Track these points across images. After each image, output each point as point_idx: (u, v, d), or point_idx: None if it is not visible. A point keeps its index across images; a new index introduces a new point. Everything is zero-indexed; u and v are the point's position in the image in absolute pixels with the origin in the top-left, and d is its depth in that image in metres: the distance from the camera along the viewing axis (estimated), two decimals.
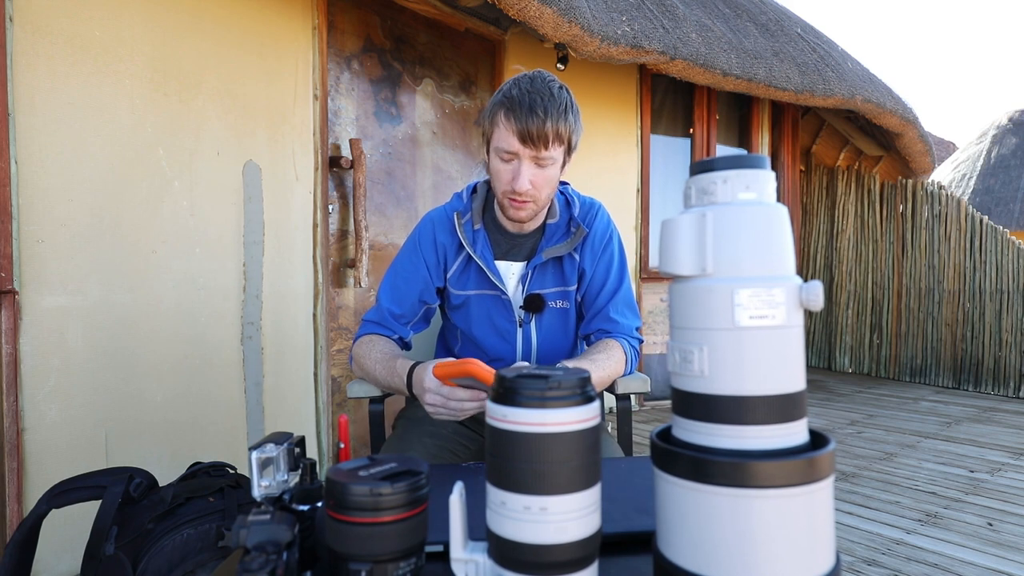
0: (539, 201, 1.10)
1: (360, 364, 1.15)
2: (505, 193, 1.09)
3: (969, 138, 8.72)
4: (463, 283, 1.20)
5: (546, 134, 1.02)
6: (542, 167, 1.07)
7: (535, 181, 1.07)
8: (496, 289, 1.17)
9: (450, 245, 1.19)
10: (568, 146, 1.09)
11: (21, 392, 1.62)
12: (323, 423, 2.37)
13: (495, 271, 1.17)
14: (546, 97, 1.02)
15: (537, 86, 1.04)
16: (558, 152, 1.07)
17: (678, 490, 0.45)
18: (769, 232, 0.46)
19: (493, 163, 1.10)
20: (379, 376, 1.10)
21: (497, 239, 1.20)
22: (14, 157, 1.61)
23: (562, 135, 1.05)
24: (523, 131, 1.02)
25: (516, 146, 1.04)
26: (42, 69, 1.67)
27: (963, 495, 2.38)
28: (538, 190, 1.08)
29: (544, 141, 1.03)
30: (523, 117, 1.02)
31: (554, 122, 1.02)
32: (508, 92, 1.05)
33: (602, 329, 1.19)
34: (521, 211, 1.11)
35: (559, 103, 1.04)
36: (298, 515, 0.55)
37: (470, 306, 1.20)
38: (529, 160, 1.05)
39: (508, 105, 1.04)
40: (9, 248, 1.59)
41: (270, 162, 2.18)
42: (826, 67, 3.96)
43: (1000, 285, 4.33)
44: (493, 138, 1.08)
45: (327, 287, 2.40)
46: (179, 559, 1.02)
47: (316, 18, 2.30)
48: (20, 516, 1.59)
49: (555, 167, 1.08)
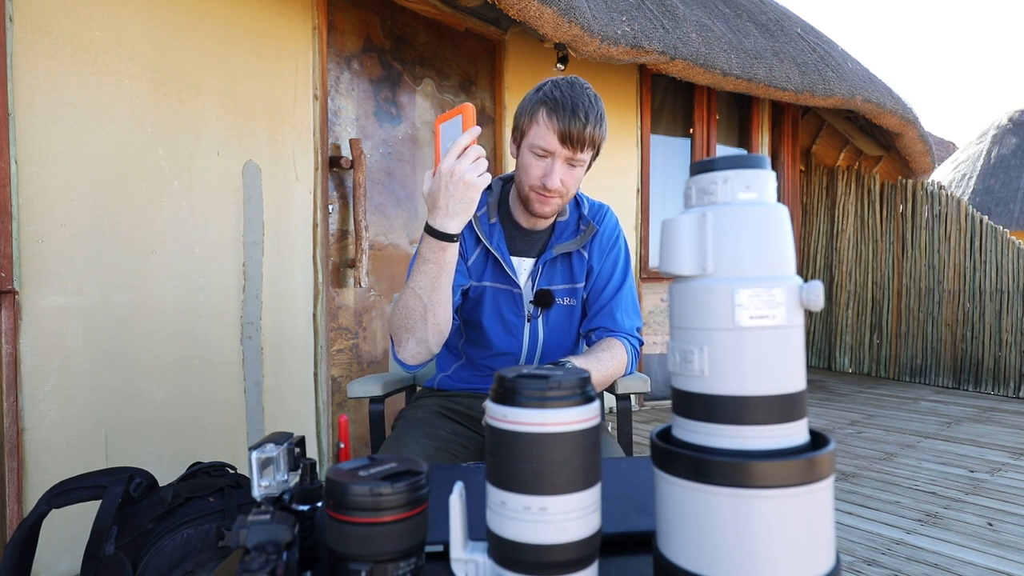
0: (565, 198, 1.15)
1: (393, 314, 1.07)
2: (533, 187, 1.12)
3: (969, 138, 8.72)
4: (479, 275, 1.21)
5: (584, 137, 1.08)
6: (573, 167, 1.12)
7: (565, 180, 1.11)
8: (510, 282, 1.19)
9: (468, 237, 1.21)
10: (596, 151, 1.14)
11: (21, 392, 1.62)
12: (323, 423, 2.37)
13: (510, 264, 1.19)
14: (587, 103, 1.08)
15: (577, 91, 1.09)
16: (588, 155, 1.13)
17: (678, 490, 0.45)
18: (769, 232, 0.46)
19: (525, 157, 1.13)
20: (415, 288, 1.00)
21: (511, 234, 1.23)
22: (14, 157, 1.61)
23: (596, 140, 1.11)
24: (564, 132, 1.06)
25: (555, 145, 1.08)
26: (42, 69, 1.67)
27: (963, 495, 2.38)
28: (567, 188, 1.13)
29: (581, 144, 1.08)
30: (566, 119, 1.06)
31: (593, 127, 1.08)
32: (550, 93, 1.09)
33: (604, 327, 1.20)
34: (547, 206, 1.14)
35: (597, 110, 1.09)
36: (298, 515, 0.55)
37: (484, 298, 1.21)
38: (563, 160, 1.10)
39: (551, 105, 1.07)
40: (9, 248, 1.59)
41: (270, 162, 2.18)
42: (826, 67, 3.96)
43: (1000, 285, 4.33)
44: (530, 134, 1.11)
45: (327, 287, 2.40)
46: (179, 559, 1.02)
47: (316, 18, 2.30)
48: (20, 516, 1.59)
49: (582, 169, 1.14)
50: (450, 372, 1.29)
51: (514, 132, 1.17)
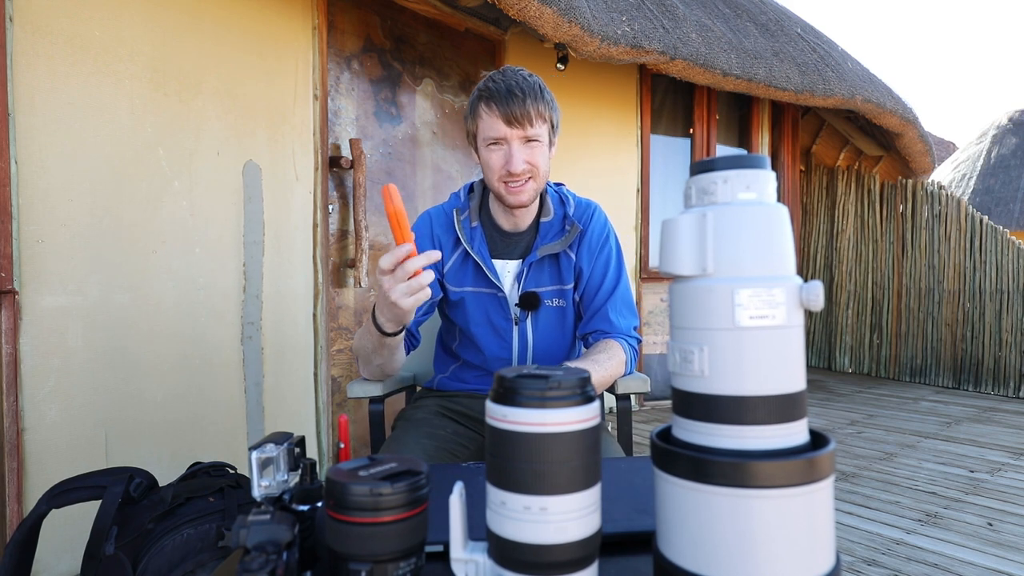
0: (537, 179, 1.13)
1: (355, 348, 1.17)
2: (501, 178, 1.12)
3: (969, 138, 8.72)
4: (460, 280, 1.20)
5: (528, 111, 1.08)
6: (531, 147, 1.11)
7: (529, 160, 1.11)
8: (492, 287, 1.18)
9: (446, 241, 1.20)
10: (551, 125, 1.13)
11: (21, 392, 1.62)
12: (323, 423, 2.37)
13: (491, 268, 1.18)
14: (520, 81, 1.09)
15: (508, 75, 1.10)
16: (543, 130, 1.11)
17: (678, 490, 0.45)
18: (769, 232, 0.46)
19: (484, 156, 1.13)
20: (364, 342, 1.08)
21: (493, 237, 1.22)
22: (14, 157, 1.61)
23: (543, 113, 1.10)
24: (507, 113, 1.07)
25: (503, 130, 1.09)
26: (42, 69, 1.67)
27: (963, 495, 2.38)
28: (535, 167, 1.12)
29: (528, 119, 1.08)
30: (504, 101, 1.07)
31: (533, 100, 1.08)
32: (484, 86, 1.11)
33: (600, 330, 1.19)
34: (521, 193, 1.13)
35: (533, 84, 1.10)
36: (298, 515, 0.55)
37: (467, 304, 1.20)
38: (518, 141, 1.10)
39: (487, 95, 1.10)
40: (9, 248, 1.59)
41: (270, 162, 2.18)
42: (826, 67, 3.96)
43: (1000, 285, 4.33)
44: (479, 130, 1.13)
45: (327, 287, 2.40)
46: (179, 559, 1.02)
47: (316, 18, 2.30)
48: (20, 516, 1.59)
49: (543, 147, 1.12)
50: (448, 373, 1.29)
51: (468, 138, 1.19)
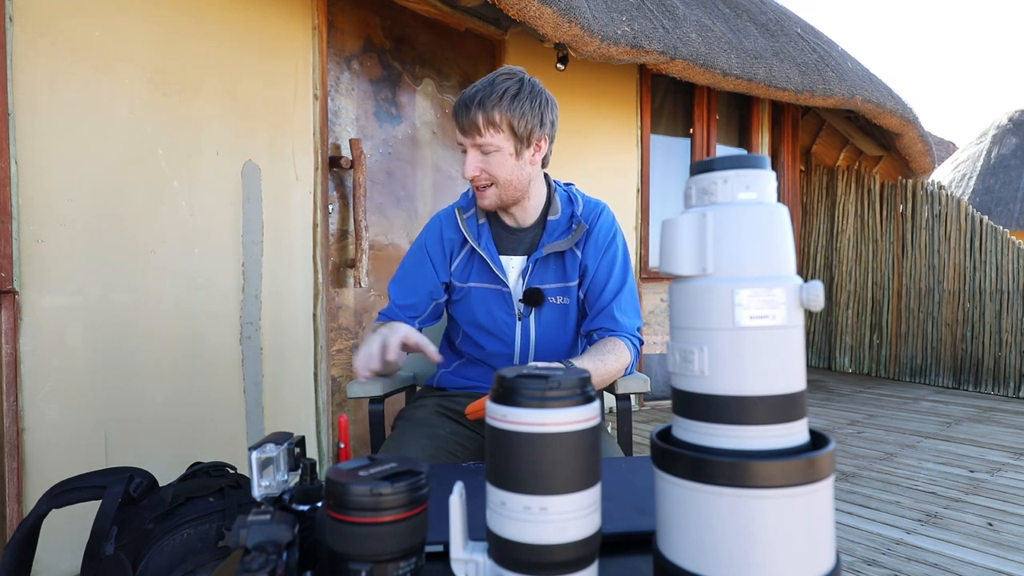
0: (501, 187, 1.14)
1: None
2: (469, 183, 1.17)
3: (969, 138, 8.72)
4: (466, 275, 1.22)
5: (475, 121, 1.09)
6: (486, 154, 1.12)
7: (485, 168, 1.12)
8: (498, 282, 1.20)
9: (456, 240, 1.23)
10: (513, 132, 1.11)
11: (21, 392, 1.62)
12: (323, 423, 2.37)
13: (498, 263, 1.19)
14: (483, 88, 1.09)
15: (483, 81, 1.11)
16: (498, 138, 1.10)
17: (678, 490, 0.45)
18: (769, 232, 0.46)
19: None
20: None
21: (499, 234, 1.23)
22: (14, 157, 1.61)
23: (495, 121, 1.09)
24: (460, 122, 1.11)
25: (460, 137, 1.13)
26: (42, 69, 1.67)
27: (963, 495, 2.38)
28: (492, 175, 1.13)
29: (476, 128, 1.09)
30: (459, 111, 1.10)
31: (485, 110, 1.08)
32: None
33: (605, 327, 1.20)
34: (483, 198, 1.16)
35: (495, 91, 1.08)
36: (298, 515, 0.55)
37: (471, 298, 1.21)
38: (473, 149, 1.12)
39: (454, 107, 1.13)
40: (9, 248, 1.59)
41: (270, 162, 2.18)
42: (826, 67, 3.96)
43: (1000, 285, 4.32)
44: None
45: (327, 287, 2.40)
46: (179, 559, 1.02)
47: (316, 18, 2.30)
48: (20, 516, 1.59)
49: (500, 154, 1.12)
50: (451, 369, 1.30)
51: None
